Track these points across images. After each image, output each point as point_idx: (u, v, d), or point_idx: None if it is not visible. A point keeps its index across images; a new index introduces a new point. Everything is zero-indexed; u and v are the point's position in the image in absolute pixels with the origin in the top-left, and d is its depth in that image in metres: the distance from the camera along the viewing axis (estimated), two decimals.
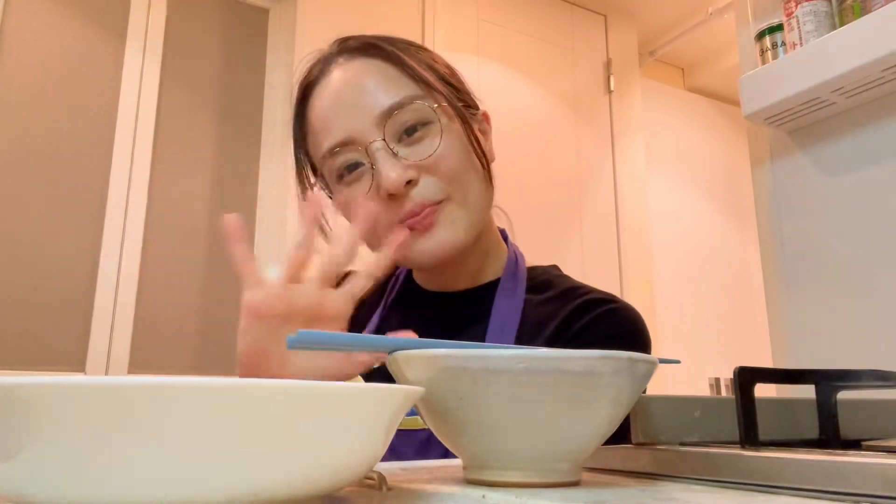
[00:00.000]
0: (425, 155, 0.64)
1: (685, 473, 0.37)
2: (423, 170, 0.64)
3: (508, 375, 0.32)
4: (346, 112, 0.65)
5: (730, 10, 2.41)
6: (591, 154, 2.62)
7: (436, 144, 0.64)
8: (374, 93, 0.64)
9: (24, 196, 1.81)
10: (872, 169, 1.17)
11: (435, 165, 0.64)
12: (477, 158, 0.68)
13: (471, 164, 0.67)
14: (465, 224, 0.65)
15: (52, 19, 1.92)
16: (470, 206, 0.66)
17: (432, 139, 0.65)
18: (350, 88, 0.66)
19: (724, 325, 2.96)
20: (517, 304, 0.70)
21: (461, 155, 0.66)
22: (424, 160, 0.64)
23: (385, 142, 0.63)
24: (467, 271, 0.72)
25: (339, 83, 0.66)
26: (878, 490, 0.28)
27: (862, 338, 1.15)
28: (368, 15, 2.24)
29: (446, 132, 0.65)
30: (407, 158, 0.64)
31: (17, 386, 0.23)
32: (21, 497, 0.24)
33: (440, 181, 0.64)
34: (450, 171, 0.65)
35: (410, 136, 0.64)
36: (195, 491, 0.24)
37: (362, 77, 0.66)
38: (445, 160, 0.64)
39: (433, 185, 0.64)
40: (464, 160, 0.66)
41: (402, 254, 0.61)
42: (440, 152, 0.64)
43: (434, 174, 0.64)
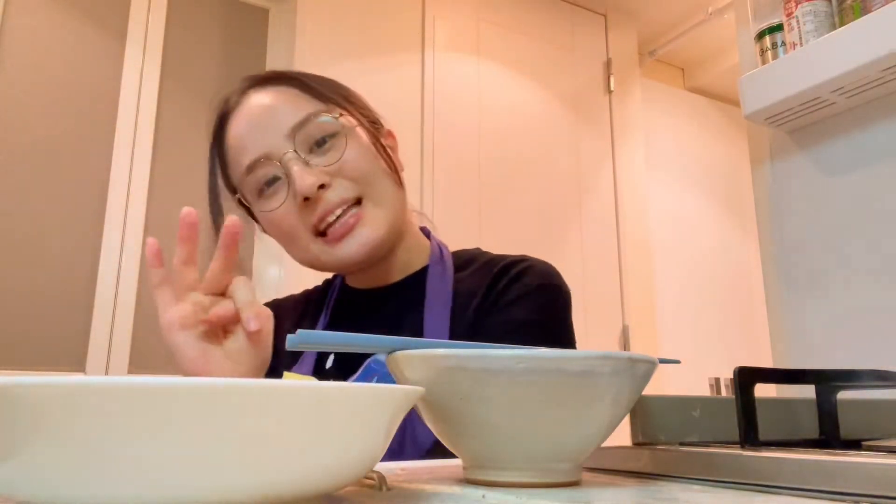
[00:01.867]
0: (334, 159, 0.69)
1: (685, 473, 0.37)
2: (334, 175, 0.69)
3: (508, 375, 0.32)
4: (259, 131, 0.70)
5: (730, 10, 2.41)
6: (591, 154, 2.62)
7: (342, 149, 0.69)
8: (283, 112, 0.70)
9: (24, 196, 1.81)
10: (872, 169, 1.17)
11: (345, 168, 0.69)
12: (385, 162, 0.73)
13: (379, 167, 0.72)
14: (383, 221, 0.70)
15: (52, 19, 1.92)
16: (385, 205, 0.71)
17: (340, 146, 0.70)
18: (261, 110, 0.71)
19: (724, 325, 2.96)
20: (447, 283, 0.75)
21: (368, 158, 0.71)
22: (334, 164, 0.69)
23: (296, 152, 0.68)
24: (395, 267, 0.77)
25: (251, 108, 0.72)
26: (878, 490, 0.28)
27: (862, 338, 1.15)
28: (368, 15, 2.24)
29: (351, 138, 0.71)
30: (318, 165, 0.69)
31: (17, 386, 0.23)
32: (21, 497, 0.24)
33: (352, 182, 0.69)
34: (359, 172, 0.70)
35: (320, 147, 0.70)
36: (195, 491, 0.24)
37: (272, 100, 0.72)
38: (354, 162, 0.70)
39: (346, 186, 0.69)
40: (371, 162, 0.72)
41: (232, 238, 0.62)
42: (347, 156, 0.69)
43: (345, 177, 0.69)
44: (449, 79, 2.33)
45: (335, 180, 0.69)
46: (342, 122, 0.71)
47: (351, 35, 2.19)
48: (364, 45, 2.20)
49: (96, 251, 1.87)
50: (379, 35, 2.24)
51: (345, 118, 0.72)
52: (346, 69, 2.15)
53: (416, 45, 2.31)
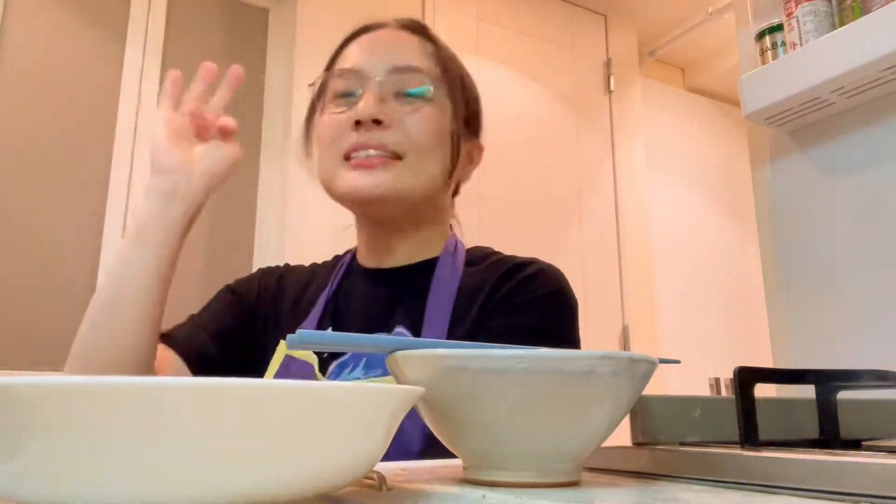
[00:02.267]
0: (406, 112, 0.71)
1: (685, 473, 0.37)
2: (396, 123, 0.70)
3: (508, 375, 0.32)
4: (374, 52, 0.75)
5: (730, 10, 2.41)
6: (591, 154, 2.62)
7: (418, 111, 0.71)
8: (402, 51, 0.74)
9: (24, 196, 1.81)
10: (872, 169, 1.17)
11: (408, 126, 0.70)
12: (449, 152, 0.74)
13: (439, 149, 0.73)
14: (407, 184, 0.70)
15: (52, 19, 1.92)
16: (417, 177, 0.71)
17: (421, 109, 0.71)
18: (390, 40, 0.76)
19: (724, 325, 2.96)
20: (456, 275, 0.75)
21: (436, 137, 0.72)
22: (403, 117, 0.70)
23: (381, 83, 0.71)
24: (406, 251, 0.77)
25: (379, 36, 0.78)
26: (878, 490, 0.28)
27: (862, 338, 1.15)
28: (368, 15, 2.24)
29: (434, 113, 0.72)
30: (391, 108, 0.71)
31: (17, 386, 0.23)
32: (21, 497, 0.24)
33: (405, 140, 0.70)
34: (418, 137, 0.71)
35: (406, 97, 0.72)
36: (194, 491, 0.24)
37: (403, 39, 0.76)
38: (418, 126, 0.71)
39: (396, 137, 0.70)
40: (435, 142, 0.72)
41: (236, 81, 0.76)
42: (418, 118, 0.71)
43: (405, 134, 0.70)
44: None
45: (391, 128, 0.70)
46: (438, 93, 0.73)
47: None
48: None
49: (96, 251, 1.87)
50: None
51: (443, 94, 0.74)
52: None
53: None
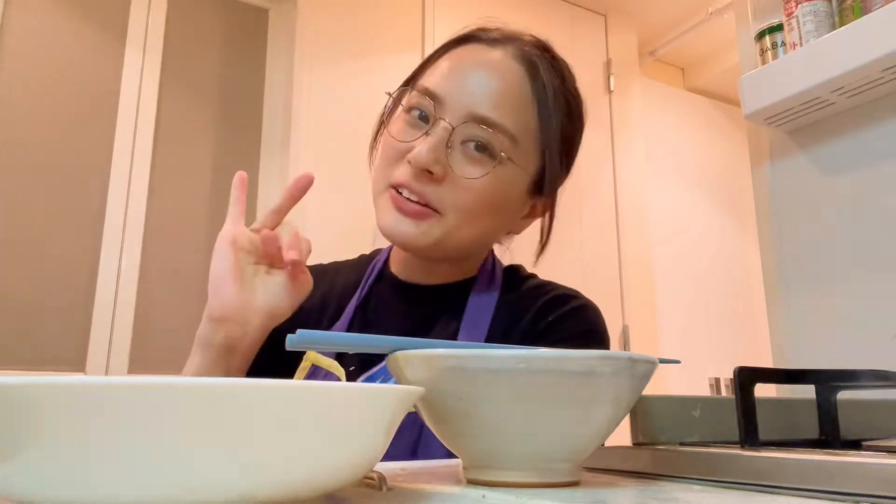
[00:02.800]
0: (468, 171, 0.64)
1: (685, 473, 0.37)
2: (450, 181, 0.64)
3: (508, 375, 0.32)
4: (462, 81, 0.66)
5: (730, 10, 2.41)
6: (591, 154, 2.62)
7: (478, 174, 0.64)
8: (492, 97, 0.65)
9: (24, 196, 1.81)
10: (872, 169, 1.17)
11: (460, 189, 0.64)
12: (502, 217, 0.69)
13: (493, 214, 0.67)
14: (431, 241, 0.65)
15: (52, 19, 1.92)
16: (451, 237, 0.66)
17: (482, 167, 0.65)
18: (487, 72, 0.66)
19: (724, 325, 2.96)
20: (491, 301, 0.72)
21: (490, 204, 0.66)
22: (462, 174, 0.64)
23: (453, 129, 0.64)
24: (443, 271, 0.74)
25: (484, 61, 0.68)
26: (878, 490, 0.28)
27: (862, 338, 1.15)
28: (369, 15, 2.24)
29: (498, 181, 0.65)
30: (451, 159, 0.64)
31: (17, 386, 0.23)
32: (21, 497, 0.24)
33: (451, 201, 0.65)
34: (467, 204, 0.65)
35: (474, 149, 0.65)
36: (195, 491, 0.24)
37: (504, 77, 0.67)
38: (470, 196, 0.65)
39: (445, 196, 0.64)
40: (488, 209, 0.66)
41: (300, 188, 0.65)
42: (474, 187, 0.64)
43: (453, 193, 0.64)
44: None
45: (442, 183, 0.64)
46: (519, 154, 0.66)
47: (351, 35, 2.19)
48: (364, 45, 2.20)
49: (96, 251, 1.87)
50: (379, 35, 2.24)
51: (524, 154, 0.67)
52: (346, 69, 2.15)
53: (416, 45, 2.31)
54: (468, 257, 0.74)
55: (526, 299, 0.72)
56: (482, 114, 0.64)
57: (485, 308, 0.71)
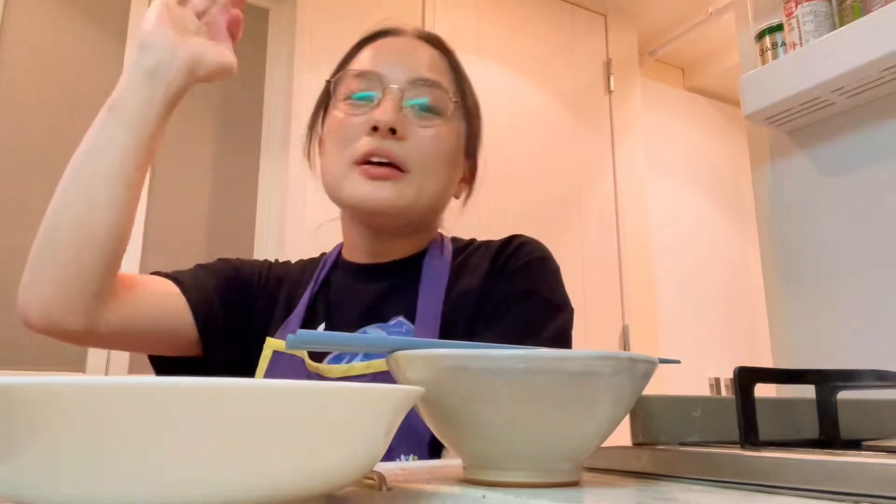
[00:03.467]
0: (421, 128, 0.71)
1: (685, 473, 0.37)
2: (410, 137, 0.71)
3: (508, 375, 0.32)
4: (395, 59, 0.74)
5: (730, 10, 2.41)
6: (591, 154, 2.62)
7: (434, 132, 0.72)
8: (423, 64, 0.74)
9: (24, 196, 1.81)
10: (872, 169, 1.17)
11: (420, 141, 0.71)
12: (454, 172, 0.76)
13: (444, 169, 0.74)
14: (407, 201, 0.71)
15: (52, 19, 1.92)
16: (421, 193, 0.71)
17: (436, 127, 0.72)
18: (409, 49, 0.76)
19: (724, 325, 2.96)
20: (445, 262, 0.77)
21: (444, 156, 0.73)
22: (417, 132, 0.71)
23: (402, 92, 0.71)
24: (395, 249, 0.78)
25: (400, 43, 0.78)
26: (878, 490, 0.28)
27: (862, 338, 1.15)
28: (368, 15, 2.23)
29: (448, 133, 0.73)
30: (408, 120, 0.71)
31: (17, 386, 0.23)
32: (21, 497, 0.24)
33: (414, 156, 0.70)
34: (427, 157, 0.71)
35: (423, 111, 0.72)
36: (195, 491, 0.24)
37: (423, 51, 0.77)
38: (430, 145, 0.71)
39: (409, 152, 0.70)
40: (442, 162, 0.73)
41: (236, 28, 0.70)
42: (432, 139, 0.71)
43: (415, 149, 0.71)
44: None
45: (404, 140, 0.70)
46: (455, 113, 0.74)
47: (351, 35, 2.18)
48: None
49: None
50: None
51: (460, 114, 0.75)
52: None
53: None
54: (424, 225, 0.78)
55: (477, 255, 0.78)
56: (423, 75, 0.73)
57: (440, 272, 0.75)
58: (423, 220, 0.77)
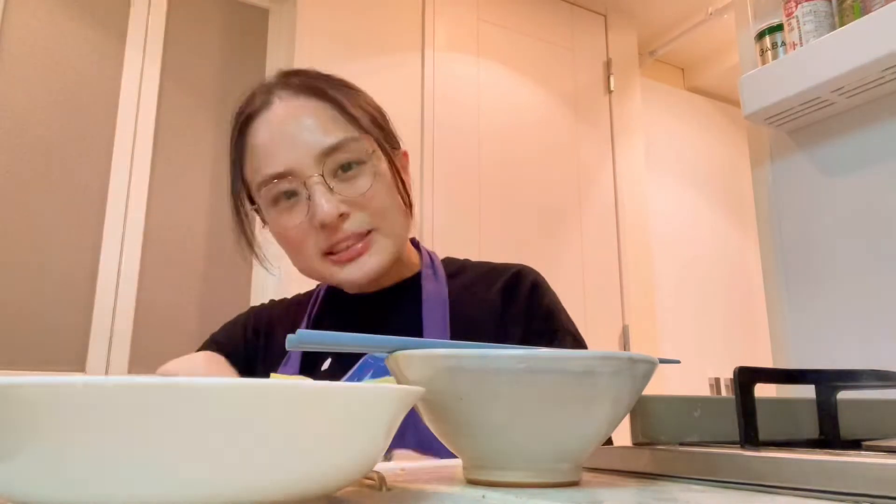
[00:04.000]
0: (358, 192, 0.71)
1: (685, 473, 0.37)
2: (354, 205, 0.71)
3: (508, 375, 0.32)
4: (288, 146, 0.70)
5: (730, 10, 2.41)
6: (591, 154, 2.62)
7: (368, 184, 0.71)
8: (315, 132, 0.71)
9: (24, 196, 1.81)
10: (872, 169, 1.17)
11: (366, 202, 0.71)
12: (400, 195, 0.76)
13: (395, 201, 0.75)
14: (389, 252, 0.74)
15: (52, 19, 1.92)
16: (394, 236, 0.74)
17: (365, 178, 0.72)
18: (294, 124, 0.71)
19: (724, 325, 2.96)
20: (442, 285, 0.78)
21: (389, 193, 0.74)
22: (357, 197, 0.71)
23: (323, 177, 0.70)
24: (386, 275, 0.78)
25: (282, 117, 0.72)
26: (878, 490, 0.28)
27: (862, 338, 1.15)
28: (368, 15, 2.24)
29: (377, 173, 0.73)
30: (341, 193, 0.70)
31: (17, 386, 0.23)
32: (21, 497, 0.24)
33: (369, 216, 0.72)
34: (379, 207, 0.72)
35: (346, 172, 0.71)
36: (194, 491, 0.24)
37: (305, 115, 0.72)
38: (375, 198, 0.72)
39: (362, 218, 0.71)
40: (390, 197, 0.74)
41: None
42: (371, 191, 0.71)
43: (364, 209, 0.71)
44: (449, 79, 2.32)
45: (354, 211, 0.71)
46: (372, 154, 0.73)
47: (351, 35, 2.19)
48: (364, 45, 2.20)
49: (96, 251, 1.87)
50: (379, 35, 2.24)
51: (375, 151, 0.73)
52: (346, 69, 2.14)
53: (416, 45, 2.31)
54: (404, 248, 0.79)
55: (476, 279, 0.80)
56: (324, 146, 0.70)
57: (440, 295, 0.76)
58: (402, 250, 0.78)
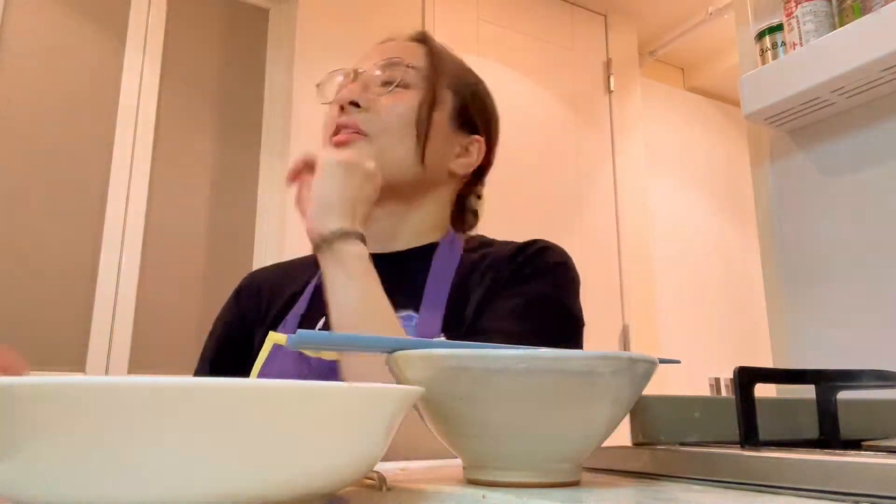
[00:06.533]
0: (377, 96, 0.77)
1: (685, 473, 0.37)
2: (368, 105, 0.76)
3: (508, 375, 0.32)
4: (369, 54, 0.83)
5: (730, 10, 2.40)
6: (591, 154, 2.62)
7: (389, 99, 0.77)
8: (394, 50, 0.81)
9: (24, 196, 1.81)
10: (872, 169, 1.17)
11: (377, 109, 0.76)
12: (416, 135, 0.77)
13: (406, 130, 0.77)
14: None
15: (52, 19, 1.92)
16: (383, 153, 0.75)
17: (393, 95, 0.77)
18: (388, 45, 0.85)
19: (724, 325, 2.96)
20: (454, 257, 0.79)
21: (403, 118, 0.76)
22: (373, 100, 0.76)
23: (368, 74, 0.79)
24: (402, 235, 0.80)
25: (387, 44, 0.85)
26: (878, 490, 0.28)
27: (862, 338, 1.15)
28: (368, 15, 2.24)
29: (408, 98, 0.77)
30: (367, 91, 0.77)
31: (17, 386, 0.23)
32: (21, 497, 0.24)
33: (375, 121, 0.76)
34: (385, 118, 0.76)
35: (384, 81, 0.78)
36: (194, 491, 0.24)
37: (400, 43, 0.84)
38: (389, 110, 0.76)
39: (370, 119, 0.76)
40: (401, 123, 0.76)
41: None
42: (390, 102, 0.76)
43: (376, 115, 0.76)
44: None
45: (368, 111, 0.76)
46: (418, 82, 0.78)
47: (351, 35, 2.19)
48: (364, 45, 2.19)
49: (96, 251, 1.87)
50: (379, 35, 2.23)
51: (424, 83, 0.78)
52: None
53: None
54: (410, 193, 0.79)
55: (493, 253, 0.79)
56: (387, 58, 0.79)
57: (447, 266, 0.77)
58: (406, 188, 0.78)
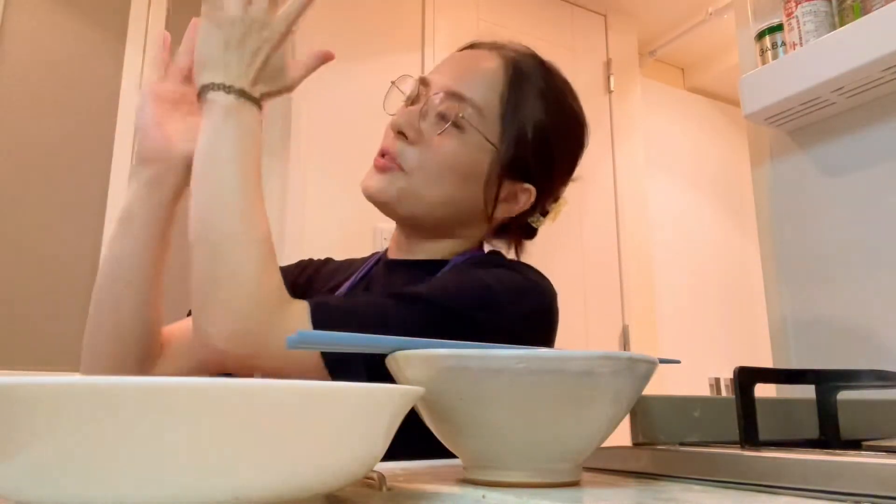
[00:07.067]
0: (425, 131, 0.73)
1: (685, 473, 0.37)
2: (415, 137, 0.73)
3: (508, 375, 0.32)
4: (446, 67, 0.78)
5: (730, 10, 2.40)
6: (591, 154, 2.61)
7: (437, 138, 0.73)
8: (467, 76, 0.75)
9: (24, 196, 1.81)
10: (872, 169, 1.17)
11: (423, 144, 0.73)
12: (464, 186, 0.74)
13: (455, 178, 0.73)
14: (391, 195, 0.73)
15: (52, 19, 1.92)
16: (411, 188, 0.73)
17: (443, 135, 0.73)
18: (469, 59, 0.78)
19: (724, 325, 2.95)
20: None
21: (451, 167, 0.73)
22: (420, 135, 0.73)
23: (427, 101, 0.74)
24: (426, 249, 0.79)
25: (472, 52, 0.79)
26: (878, 490, 0.28)
27: (862, 338, 1.15)
28: (369, 15, 2.24)
29: (458, 144, 0.73)
30: (421, 122, 0.73)
31: (17, 386, 0.23)
32: (21, 497, 0.24)
33: (417, 160, 0.73)
34: (430, 162, 0.73)
35: (439, 116, 0.73)
36: (195, 491, 0.24)
37: (481, 61, 0.77)
38: (437, 154, 0.73)
39: (413, 156, 0.73)
40: (449, 170, 0.73)
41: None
42: (436, 146, 0.72)
43: (421, 153, 0.73)
44: None
45: (415, 144, 0.73)
46: (470, 127, 0.73)
47: (351, 35, 2.19)
48: (364, 45, 2.20)
49: (96, 251, 1.87)
50: (379, 35, 2.24)
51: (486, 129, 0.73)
52: (347, 69, 2.15)
53: (416, 45, 2.31)
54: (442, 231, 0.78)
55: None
56: (451, 87, 0.73)
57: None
58: (437, 224, 0.77)
